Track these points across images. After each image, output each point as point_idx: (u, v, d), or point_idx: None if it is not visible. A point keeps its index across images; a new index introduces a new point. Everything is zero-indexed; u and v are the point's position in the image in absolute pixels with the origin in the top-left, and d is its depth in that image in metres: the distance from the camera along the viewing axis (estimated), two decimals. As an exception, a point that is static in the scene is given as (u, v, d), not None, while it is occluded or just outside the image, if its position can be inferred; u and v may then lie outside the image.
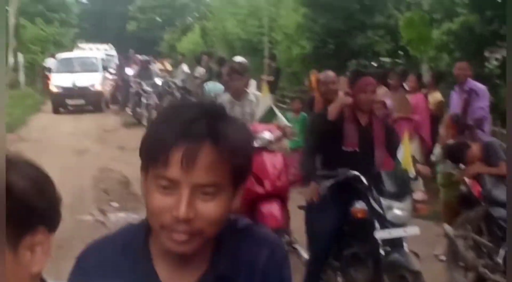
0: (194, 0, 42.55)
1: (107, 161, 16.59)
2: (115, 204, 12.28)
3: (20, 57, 40.14)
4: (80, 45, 43.35)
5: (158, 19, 51.67)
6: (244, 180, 2.07)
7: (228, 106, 9.28)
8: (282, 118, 9.05)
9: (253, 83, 14.64)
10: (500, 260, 7.29)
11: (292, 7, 22.39)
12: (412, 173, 6.78)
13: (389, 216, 6.37)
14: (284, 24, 22.96)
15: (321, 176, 6.88)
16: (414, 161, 7.07)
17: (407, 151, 6.81)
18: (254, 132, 8.59)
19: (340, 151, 6.82)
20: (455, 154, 9.03)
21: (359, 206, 6.59)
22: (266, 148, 8.48)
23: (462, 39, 15.02)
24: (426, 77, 14.07)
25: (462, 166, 8.36)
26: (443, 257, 8.59)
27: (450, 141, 9.37)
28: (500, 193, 7.42)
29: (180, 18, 46.62)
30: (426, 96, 12.40)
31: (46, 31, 45.71)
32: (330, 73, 9.90)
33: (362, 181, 6.54)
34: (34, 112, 28.85)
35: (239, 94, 9.31)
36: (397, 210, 6.39)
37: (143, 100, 23.01)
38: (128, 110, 25.28)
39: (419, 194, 8.00)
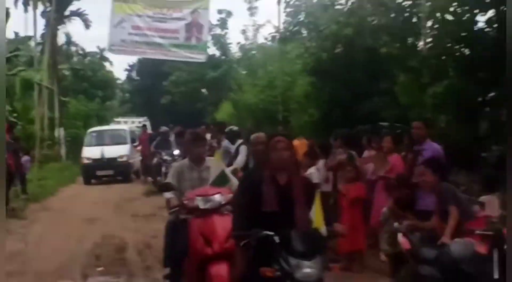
0: (223, 74, 43.15)
1: (115, 228, 16.61)
2: (100, 269, 12.23)
3: (62, 131, 41.00)
4: (116, 119, 43.96)
5: (201, 91, 52.20)
6: None
7: (187, 171, 9.34)
8: (234, 182, 8.97)
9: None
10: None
11: (301, 76, 22.51)
12: (324, 231, 6.66)
13: (298, 274, 6.19)
14: (297, 93, 23.07)
15: (241, 236, 6.79)
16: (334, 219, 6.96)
17: (318, 210, 6.71)
18: (205, 195, 8.64)
19: (261, 211, 6.72)
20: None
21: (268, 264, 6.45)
22: (217, 210, 8.49)
23: (449, 102, 14.91)
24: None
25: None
26: None
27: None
28: (428, 252, 7.29)
29: (212, 91, 47.48)
30: (403, 157, 12.24)
31: (87, 107, 46.70)
32: (261, 134, 9.85)
33: (274, 241, 6.42)
34: (68, 184, 29.23)
35: (199, 160, 9.34)
36: (307, 269, 6.23)
37: (163, 169, 23.15)
38: (150, 179, 25.42)
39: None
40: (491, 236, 6.49)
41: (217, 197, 8.56)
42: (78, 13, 45.76)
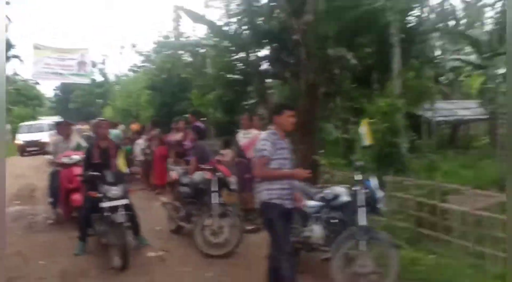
0: (105, 90, 42.19)
1: (33, 180, 16.00)
2: (17, 202, 11.90)
3: (8, 126, 38.89)
4: (40, 118, 41.88)
5: (95, 100, 50.39)
6: None
7: (60, 143, 9.34)
8: (84, 148, 9.03)
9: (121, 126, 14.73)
10: (183, 213, 7.57)
11: (145, 90, 22.50)
12: (126, 171, 7.01)
13: (109, 194, 6.56)
14: (143, 100, 23.05)
15: (82, 176, 7.00)
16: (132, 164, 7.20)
17: (121, 160, 7.02)
18: (68, 156, 8.71)
19: (92, 163, 6.96)
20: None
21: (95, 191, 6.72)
22: (75, 164, 8.61)
23: (217, 104, 15.54)
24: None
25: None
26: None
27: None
28: (184, 179, 7.74)
29: (100, 100, 46.36)
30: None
31: (25, 111, 44.46)
32: (95, 121, 9.99)
33: (97, 177, 6.69)
34: (11, 156, 27.48)
35: (67, 137, 9.37)
36: (113, 191, 6.59)
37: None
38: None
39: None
40: (211, 169, 7.00)
41: (75, 157, 8.74)
42: (15, 56, 42.83)
